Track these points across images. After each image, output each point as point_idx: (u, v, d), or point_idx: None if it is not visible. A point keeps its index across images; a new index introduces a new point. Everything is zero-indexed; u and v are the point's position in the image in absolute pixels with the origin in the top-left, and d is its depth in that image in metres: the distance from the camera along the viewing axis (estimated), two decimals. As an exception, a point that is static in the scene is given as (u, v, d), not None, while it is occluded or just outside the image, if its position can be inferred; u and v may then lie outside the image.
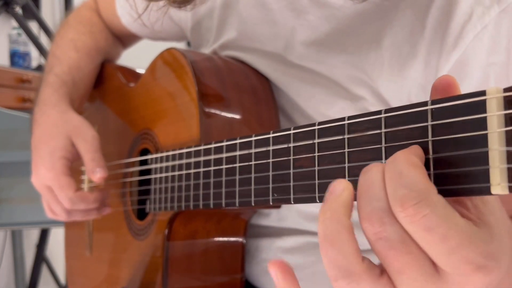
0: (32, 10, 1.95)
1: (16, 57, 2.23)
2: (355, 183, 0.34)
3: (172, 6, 0.60)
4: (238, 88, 0.70)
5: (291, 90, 0.69)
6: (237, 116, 0.68)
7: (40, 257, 2.05)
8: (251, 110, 0.69)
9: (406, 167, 0.30)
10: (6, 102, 1.79)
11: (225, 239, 0.71)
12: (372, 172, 0.32)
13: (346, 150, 0.39)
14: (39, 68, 2.20)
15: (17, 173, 1.52)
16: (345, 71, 0.64)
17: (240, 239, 0.72)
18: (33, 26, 2.01)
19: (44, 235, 2.05)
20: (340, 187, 0.33)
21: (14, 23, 2.16)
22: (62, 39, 0.91)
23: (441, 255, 0.30)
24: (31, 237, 2.32)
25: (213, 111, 0.66)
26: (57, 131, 0.78)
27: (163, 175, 0.67)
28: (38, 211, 0.91)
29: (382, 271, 0.32)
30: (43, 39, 2.02)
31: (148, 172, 0.75)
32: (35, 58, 2.29)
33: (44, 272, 2.13)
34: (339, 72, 0.65)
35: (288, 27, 0.69)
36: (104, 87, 0.95)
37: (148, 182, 0.75)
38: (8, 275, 2.27)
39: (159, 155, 0.69)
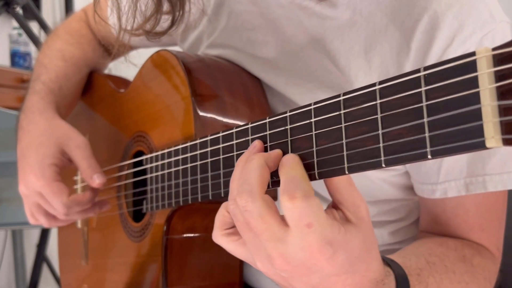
0: (32, 10, 1.95)
1: (17, 57, 2.23)
2: (355, 155, 0.39)
3: (147, 37, 0.65)
4: (229, 85, 0.70)
5: (283, 92, 0.70)
6: (231, 112, 0.68)
7: (41, 257, 2.05)
8: (244, 107, 0.69)
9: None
10: (6, 102, 1.79)
11: None
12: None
13: (343, 125, 0.39)
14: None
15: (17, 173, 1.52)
16: (336, 80, 0.65)
17: None
18: (34, 26, 2.02)
19: (44, 235, 2.05)
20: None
21: (14, 23, 2.16)
22: (49, 49, 0.92)
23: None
24: (32, 237, 2.32)
25: (206, 107, 0.66)
26: (46, 139, 0.78)
27: (159, 173, 0.67)
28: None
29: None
30: (44, 39, 2.02)
31: (143, 173, 0.75)
32: (36, 58, 2.30)
33: (45, 272, 2.13)
34: (331, 78, 0.65)
35: (285, 35, 0.70)
36: (94, 96, 0.95)
37: (143, 183, 0.75)
38: (8, 275, 2.28)
39: (154, 154, 0.69)
